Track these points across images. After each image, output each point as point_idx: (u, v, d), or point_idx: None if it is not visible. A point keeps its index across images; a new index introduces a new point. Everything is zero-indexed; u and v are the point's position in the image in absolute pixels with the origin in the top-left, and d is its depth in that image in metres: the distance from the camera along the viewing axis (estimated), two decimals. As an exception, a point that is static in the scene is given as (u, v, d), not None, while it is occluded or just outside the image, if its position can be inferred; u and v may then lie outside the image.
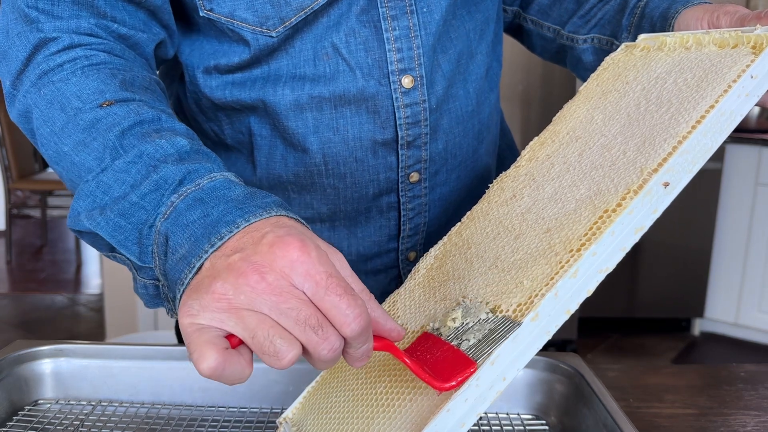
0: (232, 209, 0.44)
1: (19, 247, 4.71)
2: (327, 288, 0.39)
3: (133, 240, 0.48)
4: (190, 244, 0.44)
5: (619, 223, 0.46)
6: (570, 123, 0.60)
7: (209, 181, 0.47)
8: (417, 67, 0.68)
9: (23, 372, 0.67)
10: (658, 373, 0.81)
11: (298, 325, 0.39)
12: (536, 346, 0.45)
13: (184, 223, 0.45)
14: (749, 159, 3.08)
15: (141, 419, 0.65)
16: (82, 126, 0.52)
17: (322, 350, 0.40)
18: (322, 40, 0.66)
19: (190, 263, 0.43)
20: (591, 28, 0.80)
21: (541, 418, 0.66)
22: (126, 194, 0.48)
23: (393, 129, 0.69)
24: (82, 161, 0.52)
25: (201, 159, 0.50)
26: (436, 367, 0.46)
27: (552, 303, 0.45)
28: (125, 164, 0.49)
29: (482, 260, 0.53)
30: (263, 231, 0.42)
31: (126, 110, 0.52)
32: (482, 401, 0.44)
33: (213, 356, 0.38)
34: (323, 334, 0.40)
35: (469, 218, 0.60)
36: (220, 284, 0.40)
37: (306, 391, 0.58)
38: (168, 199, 0.47)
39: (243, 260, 0.40)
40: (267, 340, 0.39)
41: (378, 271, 0.77)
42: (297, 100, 0.67)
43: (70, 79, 0.55)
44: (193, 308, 0.40)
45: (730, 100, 0.49)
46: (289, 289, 0.39)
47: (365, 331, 0.41)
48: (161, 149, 0.49)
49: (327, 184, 0.71)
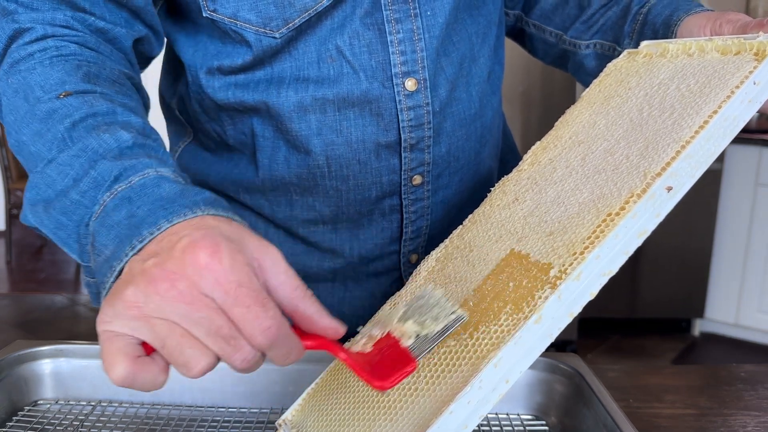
0: (157, 209, 0.43)
1: (19, 247, 4.71)
2: (235, 299, 0.38)
3: (74, 238, 0.48)
4: (115, 245, 0.43)
5: (623, 226, 0.46)
6: (572, 127, 0.60)
7: (141, 178, 0.46)
8: (420, 70, 0.68)
9: (23, 372, 0.67)
10: (658, 374, 0.81)
11: (210, 335, 0.38)
12: (539, 348, 0.45)
13: (110, 224, 0.44)
14: (749, 159, 3.07)
15: (141, 419, 0.65)
16: (39, 117, 0.52)
17: (235, 360, 0.39)
18: (326, 43, 0.66)
19: (112, 266, 0.43)
20: (593, 33, 0.80)
21: (540, 418, 0.67)
22: (68, 189, 0.47)
23: (396, 132, 0.69)
24: (37, 151, 0.51)
25: (140, 155, 0.48)
26: (381, 365, 0.46)
27: (556, 306, 0.45)
28: (69, 157, 0.48)
29: (484, 263, 0.54)
30: (181, 234, 0.40)
31: (80, 102, 0.52)
32: (485, 403, 0.44)
33: (122, 365, 0.38)
34: (236, 344, 0.39)
35: (471, 221, 0.61)
36: (131, 291, 0.39)
37: (306, 392, 0.58)
38: (101, 198, 0.46)
39: (156, 266, 0.39)
40: (176, 350, 0.38)
41: (380, 273, 0.77)
42: (300, 102, 0.67)
43: (35, 69, 0.54)
44: (107, 315, 0.39)
45: (733, 105, 0.49)
46: (200, 298, 0.38)
47: (276, 341, 0.40)
48: (104, 144, 0.48)
49: (329, 186, 0.71)
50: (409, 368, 0.45)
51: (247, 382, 0.67)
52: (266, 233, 0.76)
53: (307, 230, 0.74)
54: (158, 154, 0.50)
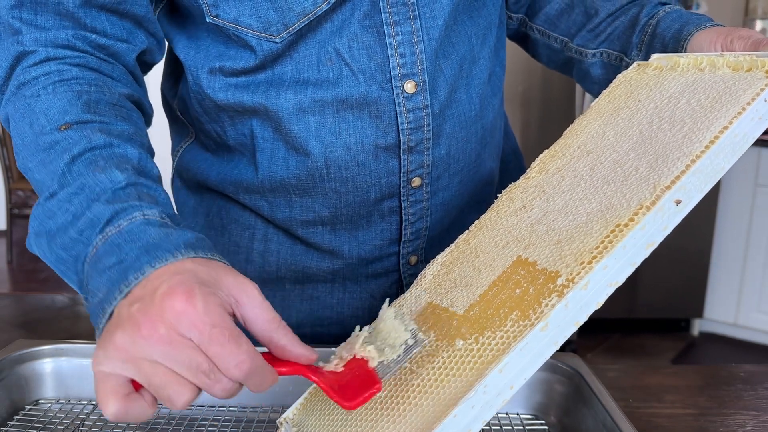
0: (141, 255, 0.47)
1: (19, 247, 4.71)
2: (210, 338, 0.43)
3: (72, 271, 0.52)
4: (106, 289, 0.47)
5: (631, 237, 0.46)
6: (581, 137, 0.60)
7: (129, 223, 0.50)
8: (420, 72, 0.68)
9: (24, 371, 0.67)
10: (657, 374, 0.81)
11: (190, 371, 0.43)
12: (544, 355, 0.46)
13: (101, 269, 0.48)
14: (749, 160, 3.07)
15: (141, 419, 0.65)
16: (43, 146, 0.56)
17: (216, 391, 0.44)
18: (326, 45, 0.66)
19: (104, 309, 0.47)
20: (600, 42, 0.79)
21: (540, 418, 0.67)
22: (67, 227, 0.52)
23: (395, 134, 0.69)
24: (41, 180, 0.55)
25: (131, 196, 0.52)
26: (350, 385, 0.49)
27: (562, 314, 0.45)
28: (68, 195, 0.52)
29: (490, 269, 0.54)
30: (161, 280, 0.45)
31: (79, 135, 0.55)
32: (489, 408, 0.45)
33: (114, 403, 0.43)
34: (215, 378, 0.43)
35: (477, 227, 0.61)
36: (119, 335, 0.43)
37: (308, 391, 0.58)
38: (95, 239, 0.50)
39: (139, 312, 0.43)
40: (161, 387, 0.43)
41: (379, 274, 0.77)
42: (300, 104, 0.67)
43: (40, 95, 0.58)
44: (99, 357, 0.44)
45: (744, 122, 0.49)
46: (179, 339, 0.42)
47: (250, 374, 0.44)
48: (99, 184, 0.52)
49: (328, 188, 0.71)
50: (374, 390, 0.48)
51: (248, 381, 0.67)
52: (266, 233, 0.76)
53: (307, 231, 0.74)
54: (150, 192, 0.54)
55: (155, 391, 0.43)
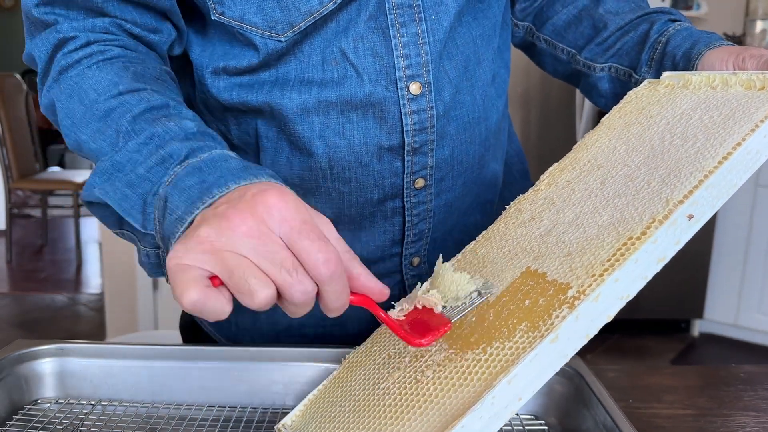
0: (226, 175, 0.48)
1: (19, 247, 4.71)
2: (300, 232, 0.43)
3: (137, 208, 0.53)
4: (186, 205, 0.48)
5: (643, 251, 0.46)
6: (592, 151, 0.60)
7: (209, 154, 0.51)
8: (425, 73, 0.68)
9: (23, 371, 0.67)
10: (657, 374, 0.81)
11: (274, 266, 0.42)
12: (553, 368, 0.46)
13: (182, 188, 0.49)
14: (749, 160, 3.07)
15: (141, 418, 0.65)
16: (98, 116, 0.57)
17: (295, 292, 0.43)
18: (331, 45, 0.66)
19: (183, 220, 0.48)
20: (609, 57, 0.79)
21: (540, 418, 0.67)
22: (136, 166, 0.53)
23: (399, 135, 0.69)
24: (98, 147, 0.56)
25: (206, 139, 0.54)
26: (416, 327, 0.49)
27: (573, 326, 0.45)
28: (137, 145, 0.54)
29: (499, 279, 0.54)
30: (250, 188, 0.46)
31: (137, 98, 0.57)
32: (497, 419, 0.45)
33: (195, 291, 0.41)
34: (297, 277, 0.43)
35: (484, 237, 0.61)
36: (204, 229, 0.43)
37: (307, 398, 0.58)
38: (172, 171, 0.51)
39: (228, 208, 0.44)
40: (242, 279, 0.42)
41: (381, 275, 0.76)
42: (304, 104, 0.67)
43: (86, 74, 0.60)
44: (179, 252, 0.43)
45: (757, 139, 0.49)
46: (267, 233, 0.42)
47: (336, 275, 0.44)
48: (170, 131, 0.54)
49: (332, 188, 0.71)
50: (446, 327, 0.48)
51: (247, 381, 0.67)
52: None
53: (309, 231, 0.74)
54: (219, 140, 0.55)
55: (235, 284, 0.42)
